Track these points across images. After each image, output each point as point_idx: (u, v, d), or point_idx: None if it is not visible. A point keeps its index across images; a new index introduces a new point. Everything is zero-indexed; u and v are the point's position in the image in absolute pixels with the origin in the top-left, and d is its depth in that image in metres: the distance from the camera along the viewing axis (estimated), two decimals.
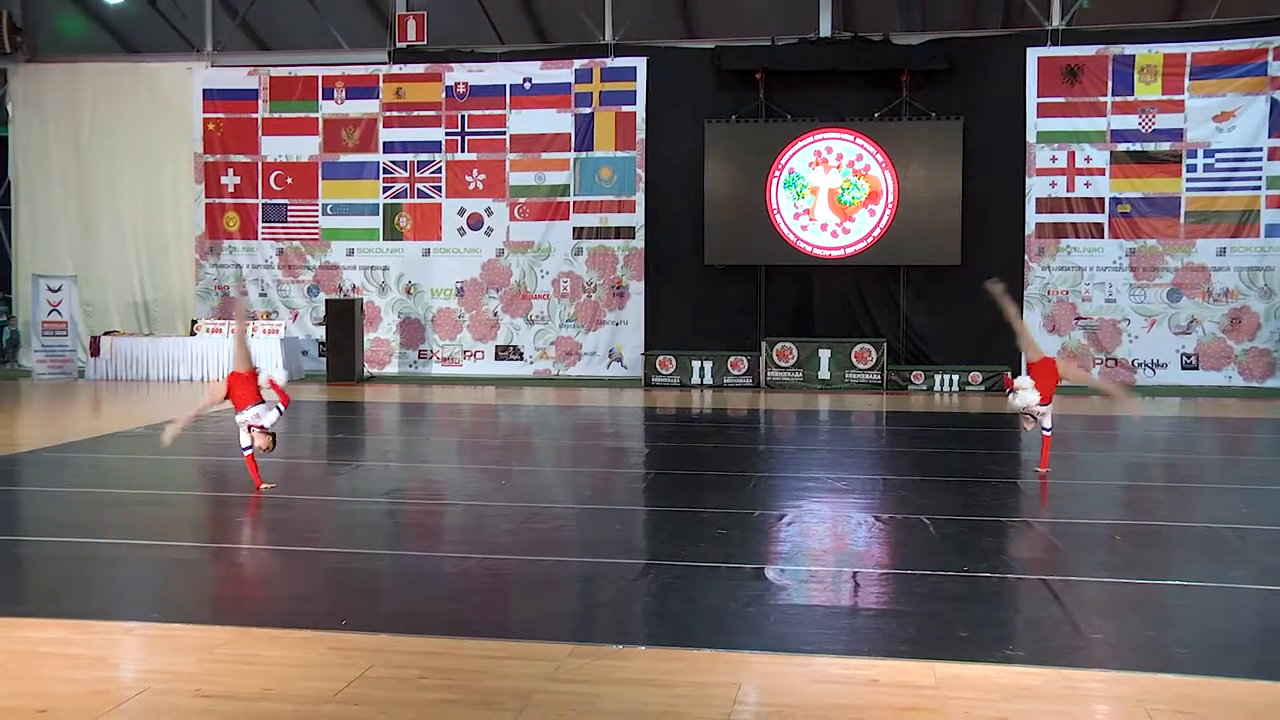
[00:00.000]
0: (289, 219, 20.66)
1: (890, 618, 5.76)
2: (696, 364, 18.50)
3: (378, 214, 20.45)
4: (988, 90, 18.74)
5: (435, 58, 20.21)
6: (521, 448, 12.37)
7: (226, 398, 8.98)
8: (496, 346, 20.29)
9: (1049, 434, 9.91)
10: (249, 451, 8.92)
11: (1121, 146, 18.50)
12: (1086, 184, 18.63)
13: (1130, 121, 18.47)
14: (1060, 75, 18.60)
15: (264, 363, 18.98)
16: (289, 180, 20.62)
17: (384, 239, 20.46)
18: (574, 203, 19.92)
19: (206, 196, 20.82)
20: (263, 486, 8.88)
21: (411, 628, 5.50)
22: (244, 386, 8.95)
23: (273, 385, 9.12)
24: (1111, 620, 5.71)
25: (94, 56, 21.13)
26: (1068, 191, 18.67)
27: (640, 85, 19.54)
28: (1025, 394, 9.61)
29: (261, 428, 8.83)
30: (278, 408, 9.05)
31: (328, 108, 20.48)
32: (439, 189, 20.29)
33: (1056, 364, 9.95)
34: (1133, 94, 18.44)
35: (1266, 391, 18.04)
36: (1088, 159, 18.57)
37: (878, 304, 19.20)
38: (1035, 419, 9.83)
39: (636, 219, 19.74)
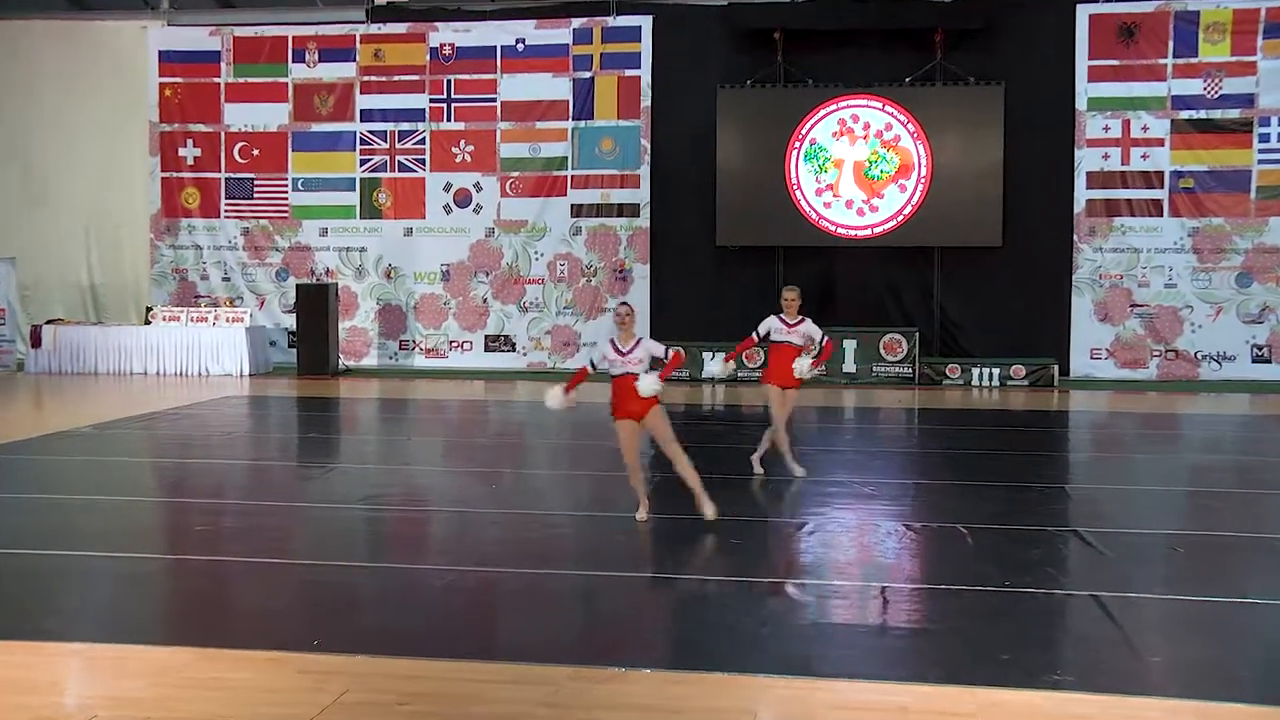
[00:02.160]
0: (255, 195, 20.66)
1: (923, 638, 5.75)
2: (707, 356, 18.48)
3: (354, 190, 20.45)
4: (1032, 51, 18.68)
5: (418, 16, 20.19)
6: (513, 448, 12.35)
7: None
8: (486, 336, 20.29)
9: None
10: None
11: (1184, 114, 18.44)
12: (1144, 156, 18.58)
13: (1194, 86, 18.41)
14: (1114, 34, 18.54)
15: (228, 355, 19.03)
16: (255, 152, 20.62)
17: (361, 217, 20.46)
18: (572, 177, 19.90)
19: (163, 170, 20.83)
20: None
21: (391, 648, 5.49)
22: None
23: None
24: (1171, 641, 5.69)
25: (40, 14, 21.11)
26: (1122, 164, 18.62)
27: (645, 47, 19.50)
28: None
29: None
30: None
31: (298, 72, 20.48)
32: (422, 162, 20.28)
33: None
34: (1196, 55, 18.37)
35: None
36: (1145, 128, 18.53)
37: (909, 290, 19.17)
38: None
39: (641, 195, 19.72)
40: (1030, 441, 12.59)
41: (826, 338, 10.13)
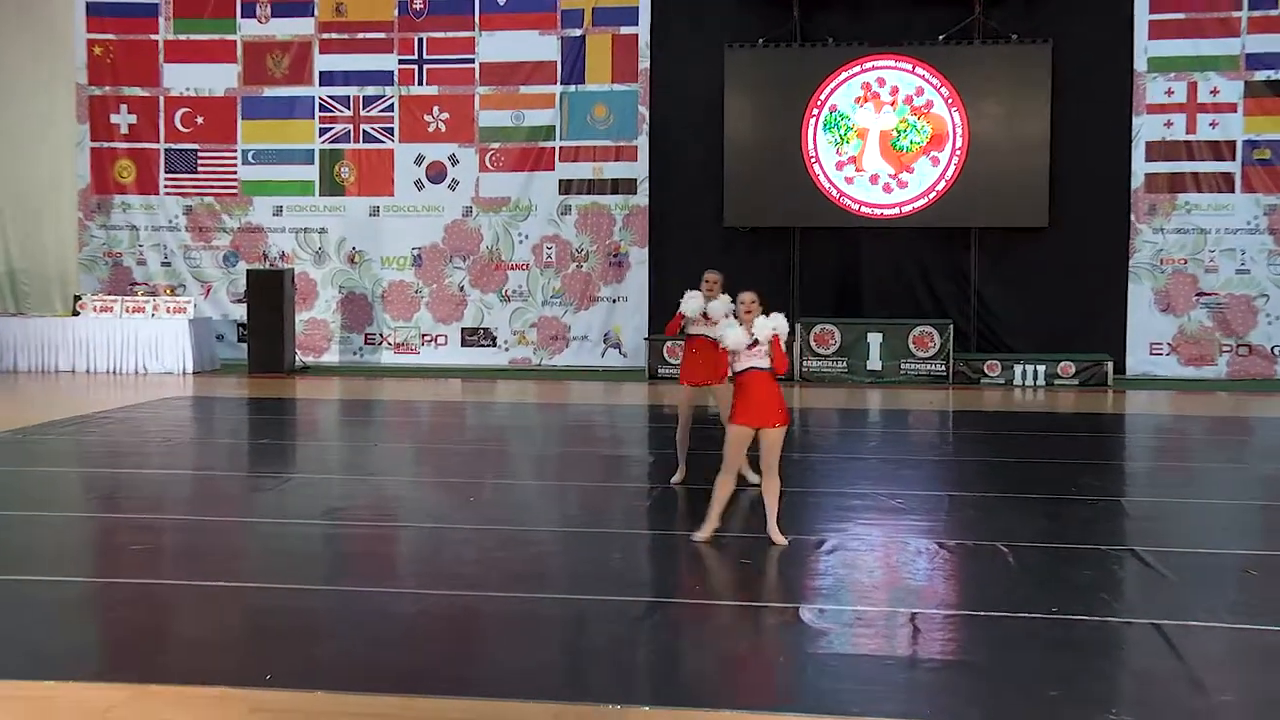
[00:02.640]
0: (199, 169, 20.65)
1: (959, 671, 5.75)
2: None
3: (313, 163, 20.44)
4: (1084, 5, 18.68)
5: None
6: (494, 456, 12.35)
7: None
8: (463, 329, 20.29)
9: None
10: None
11: (1259, 75, 18.45)
12: (1212, 124, 18.59)
13: (1272, 42, 18.40)
14: None
15: (169, 350, 19.00)
16: (199, 120, 20.61)
17: (321, 194, 20.45)
18: (560, 149, 19.89)
19: (92, 140, 20.82)
20: None
21: (355, 683, 5.49)
22: None
23: None
24: (1243, 677, 5.70)
25: None
26: (1188, 133, 18.63)
27: (644, 1, 19.58)
28: None
29: None
30: None
31: (249, 28, 20.47)
32: (390, 132, 20.26)
33: None
34: (1275, 6, 18.37)
35: None
36: (1214, 91, 18.53)
37: (942, 276, 19.18)
38: None
39: (638, 169, 19.72)
40: (1081, 448, 12.59)
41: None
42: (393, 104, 20.22)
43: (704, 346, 9.87)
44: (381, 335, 20.44)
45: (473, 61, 20.01)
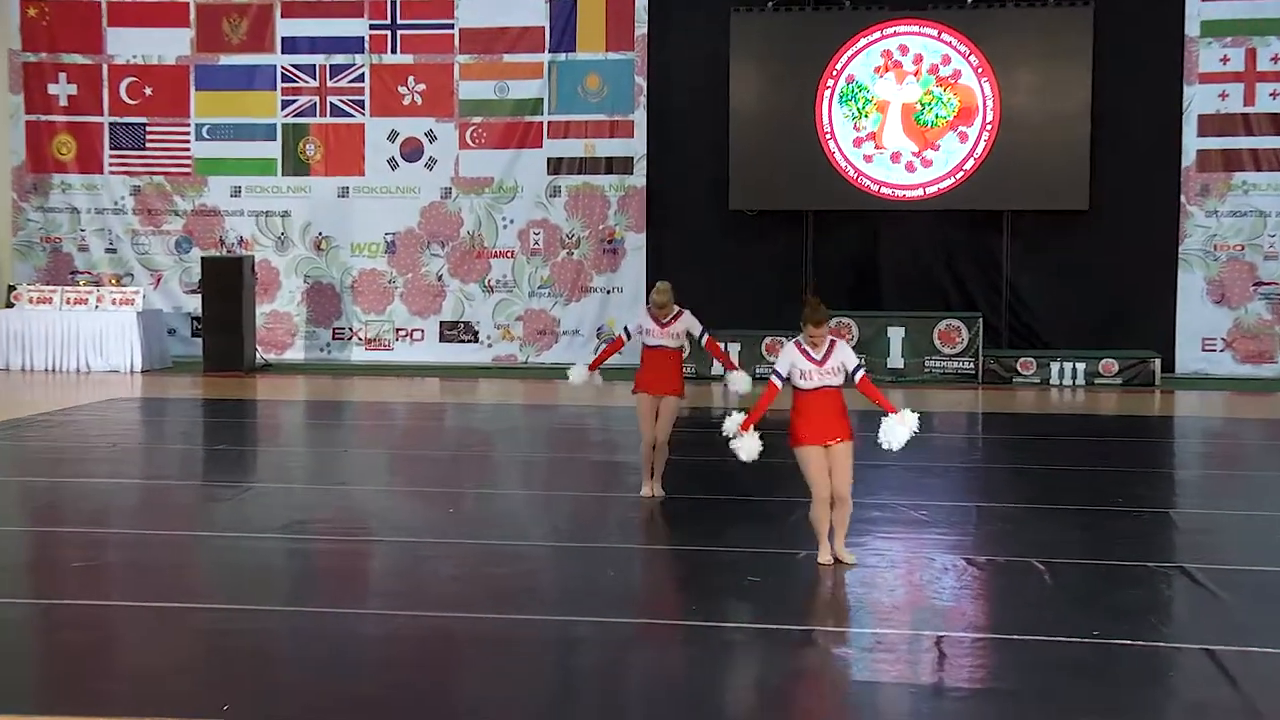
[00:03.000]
0: (149, 145, 20.61)
1: (989, 700, 5.74)
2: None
3: (274, 139, 20.40)
4: None
5: None
6: (476, 463, 12.33)
7: None
8: (442, 323, 20.26)
9: None
10: None
11: None
12: (1273, 94, 18.57)
13: None
14: None
15: (115, 346, 18.96)
16: (147, 91, 20.58)
17: (284, 174, 20.42)
18: (549, 124, 19.86)
19: (28, 112, 20.77)
20: None
21: (320, 714, 5.47)
22: None
23: None
24: None
25: None
26: (1245, 106, 18.62)
27: None
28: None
29: None
30: None
31: None
32: (361, 105, 20.24)
33: None
34: None
35: None
36: (1275, 58, 18.52)
37: (971, 264, 19.16)
38: None
39: (635, 147, 19.70)
40: (1125, 455, 12.58)
41: (707, 334, 10.10)
42: (363, 74, 20.19)
43: (663, 356, 9.97)
44: (351, 330, 20.41)
45: (452, 27, 19.98)
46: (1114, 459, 12.22)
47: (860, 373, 8.16)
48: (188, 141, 20.54)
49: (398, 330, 20.33)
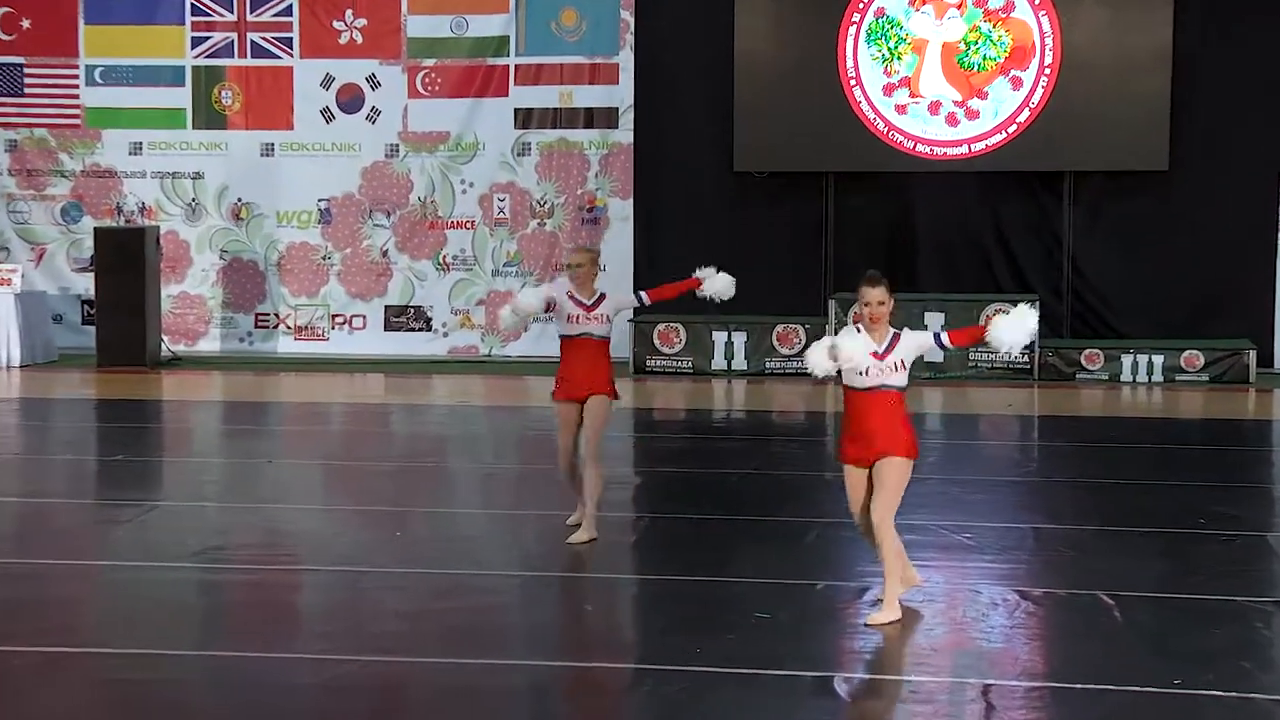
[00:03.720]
0: (27, 91, 20.53)
1: None
2: (720, 337, 18.47)
3: (183, 84, 20.34)
4: None
5: None
6: (429, 476, 12.32)
7: None
8: (388, 308, 20.22)
9: None
10: None
11: None
12: None
13: None
14: None
15: None
16: (24, 24, 20.47)
17: (195, 127, 20.36)
18: (515, 68, 19.83)
19: None
20: None
21: None
22: None
23: None
24: None
25: None
26: None
27: None
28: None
29: None
30: None
31: None
32: (288, 43, 20.18)
33: None
34: None
35: None
36: None
37: (1025, 237, 19.15)
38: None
39: (620, 95, 19.67)
40: (1212, 466, 12.58)
41: (645, 291, 10.01)
42: (291, 6, 20.14)
43: (588, 348, 9.51)
44: (278, 316, 20.36)
45: None
46: (1198, 471, 12.24)
47: (945, 334, 8.19)
48: (76, 87, 20.47)
49: (334, 317, 20.29)
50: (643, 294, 10.06)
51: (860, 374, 7.64)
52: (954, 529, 9.82)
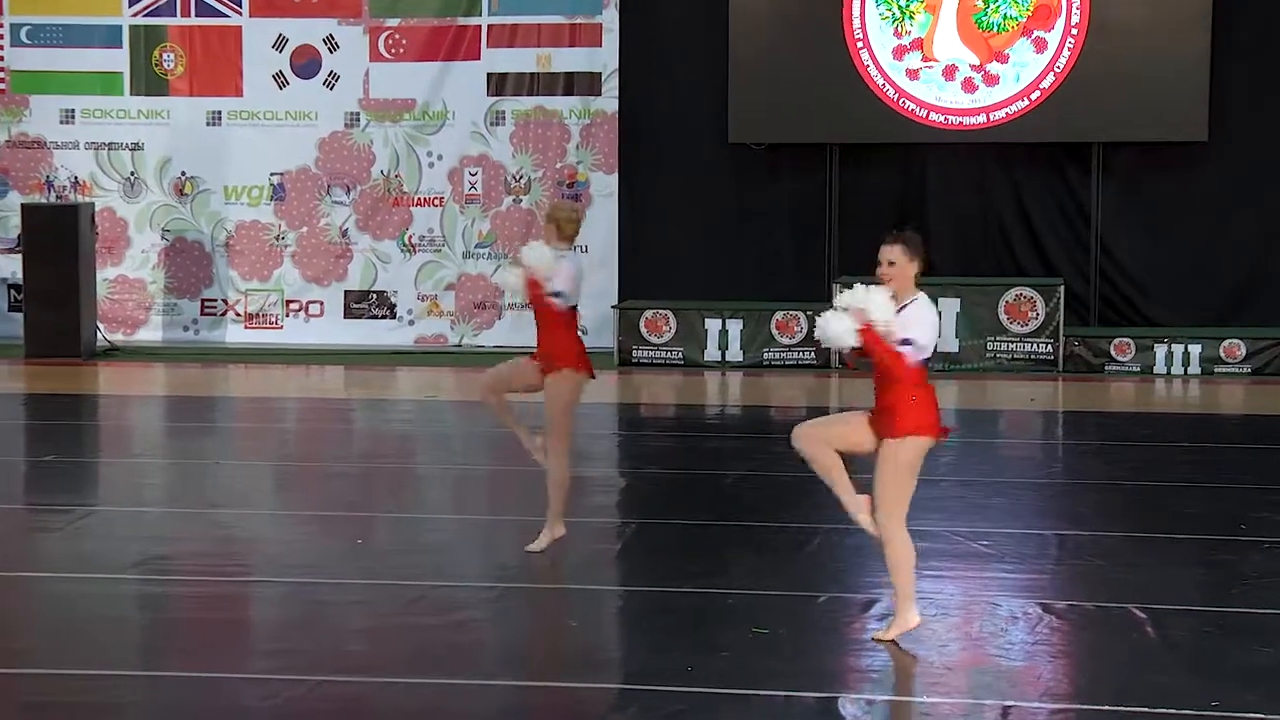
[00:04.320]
0: None
1: None
2: (714, 325, 18.45)
3: (120, 45, 20.29)
4: None
5: None
6: (394, 478, 12.32)
7: None
8: (348, 293, 20.19)
9: None
10: None
11: None
12: None
13: None
14: None
15: None
16: None
17: (134, 93, 20.31)
18: (489, 28, 19.79)
19: None
20: None
21: None
22: None
23: None
24: None
25: None
26: None
27: None
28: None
29: None
30: None
31: None
32: (237, 1, 20.14)
33: None
34: None
35: None
36: None
37: (1050, 215, 19.15)
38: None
39: (604, 59, 19.64)
40: (1256, 467, 12.58)
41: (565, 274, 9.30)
42: None
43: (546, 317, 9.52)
44: (226, 302, 20.33)
45: None
46: (1239, 473, 12.26)
47: (905, 349, 7.61)
48: (0, 48, 20.42)
49: (289, 303, 20.27)
50: None
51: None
52: (970, 536, 9.85)
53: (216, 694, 6.86)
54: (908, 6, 18.81)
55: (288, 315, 20.26)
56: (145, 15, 20.21)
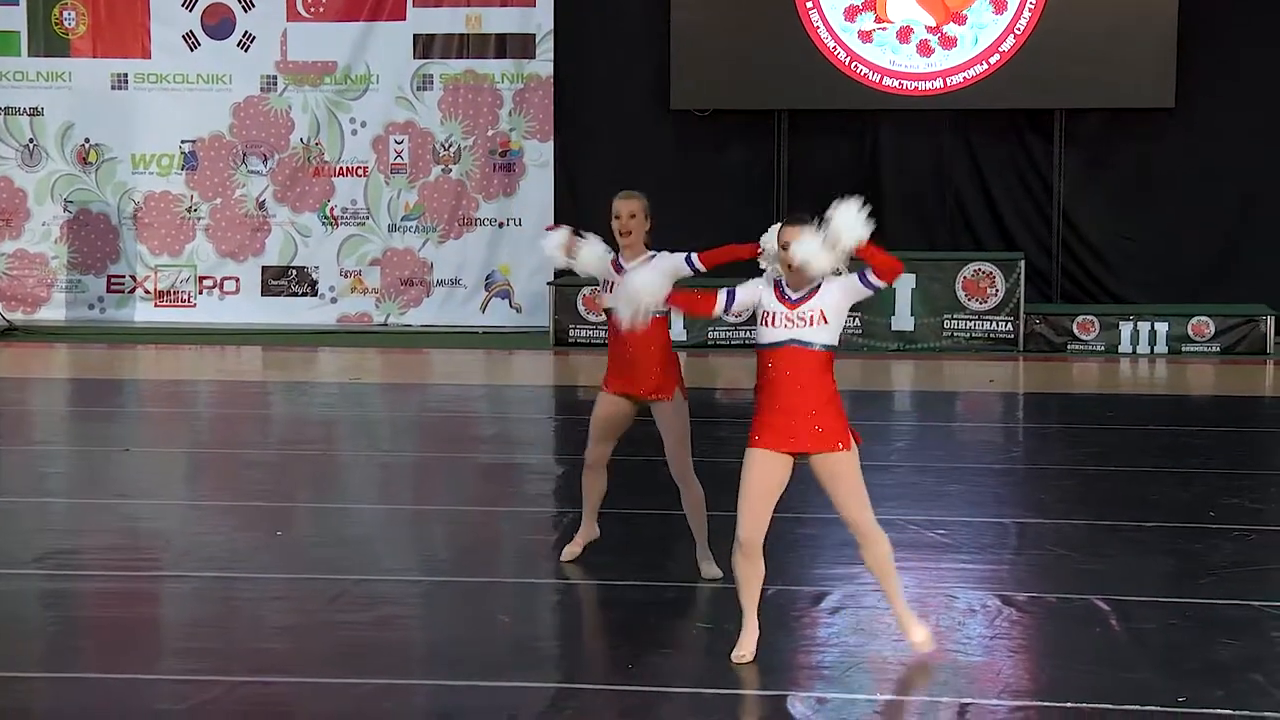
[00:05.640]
0: None
1: None
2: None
3: (16, 2, 20.15)
4: None
5: None
6: (316, 466, 12.32)
7: None
8: (265, 269, 20.15)
9: None
10: None
11: None
12: None
13: None
14: None
15: None
16: None
17: (32, 54, 20.20)
18: None
19: None
20: None
21: None
22: None
23: None
24: None
25: None
26: None
27: None
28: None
29: None
30: None
31: None
32: None
33: None
34: None
35: None
36: None
37: (1009, 186, 19.27)
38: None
39: (537, 19, 19.64)
40: (1224, 451, 12.69)
41: (694, 253, 9.04)
42: None
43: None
44: (134, 279, 20.25)
45: None
46: (1208, 457, 12.35)
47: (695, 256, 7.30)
48: None
49: (202, 280, 20.21)
50: (697, 255, 9.18)
51: (766, 323, 7.23)
52: (926, 525, 9.88)
53: (127, 697, 6.83)
54: None
55: (201, 293, 20.22)
56: None
